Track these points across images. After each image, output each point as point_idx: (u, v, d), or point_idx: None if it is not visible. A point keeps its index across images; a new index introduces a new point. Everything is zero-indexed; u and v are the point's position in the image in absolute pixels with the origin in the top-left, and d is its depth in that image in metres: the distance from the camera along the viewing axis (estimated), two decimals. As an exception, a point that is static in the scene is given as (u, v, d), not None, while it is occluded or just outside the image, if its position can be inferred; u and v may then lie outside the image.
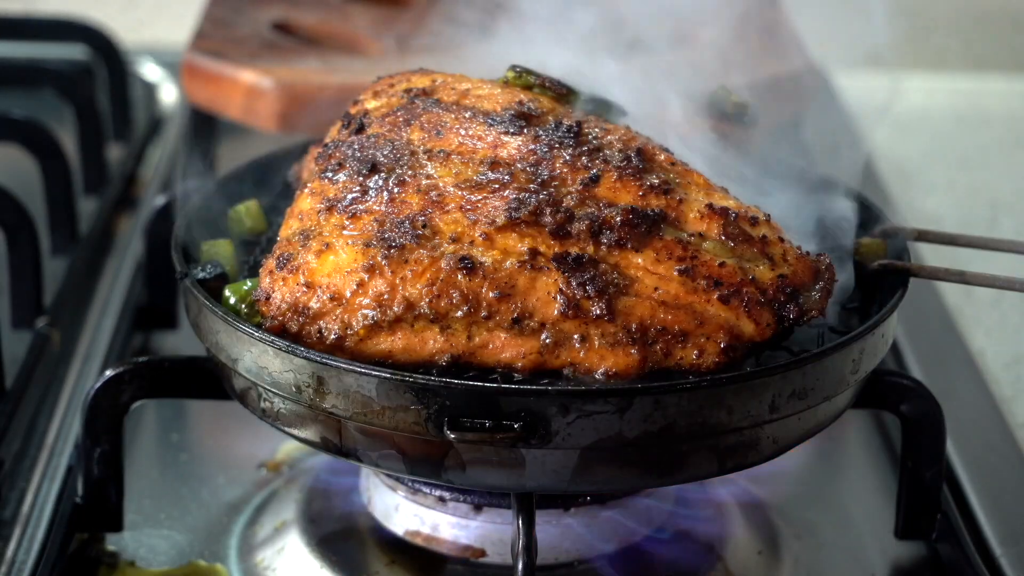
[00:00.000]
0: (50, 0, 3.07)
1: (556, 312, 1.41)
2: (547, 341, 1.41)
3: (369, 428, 1.41)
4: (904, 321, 1.98)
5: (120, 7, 3.22)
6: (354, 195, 1.50)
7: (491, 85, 1.62)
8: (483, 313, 1.42)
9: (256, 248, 1.67)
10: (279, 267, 1.47)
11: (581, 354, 1.41)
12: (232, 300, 1.51)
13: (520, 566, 1.40)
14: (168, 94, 2.78)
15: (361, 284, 1.43)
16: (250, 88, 2.30)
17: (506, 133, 1.53)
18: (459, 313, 1.42)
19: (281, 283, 1.46)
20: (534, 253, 1.43)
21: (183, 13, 2.89)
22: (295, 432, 1.48)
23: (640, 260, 1.44)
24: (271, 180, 1.77)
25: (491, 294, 1.42)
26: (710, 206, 1.48)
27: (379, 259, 1.44)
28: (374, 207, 1.48)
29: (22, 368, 1.82)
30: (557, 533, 1.56)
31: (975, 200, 2.58)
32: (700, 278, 1.43)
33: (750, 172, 1.64)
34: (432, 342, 1.43)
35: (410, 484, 1.59)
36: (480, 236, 1.44)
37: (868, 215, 1.66)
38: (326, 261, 1.45)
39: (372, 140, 1.56)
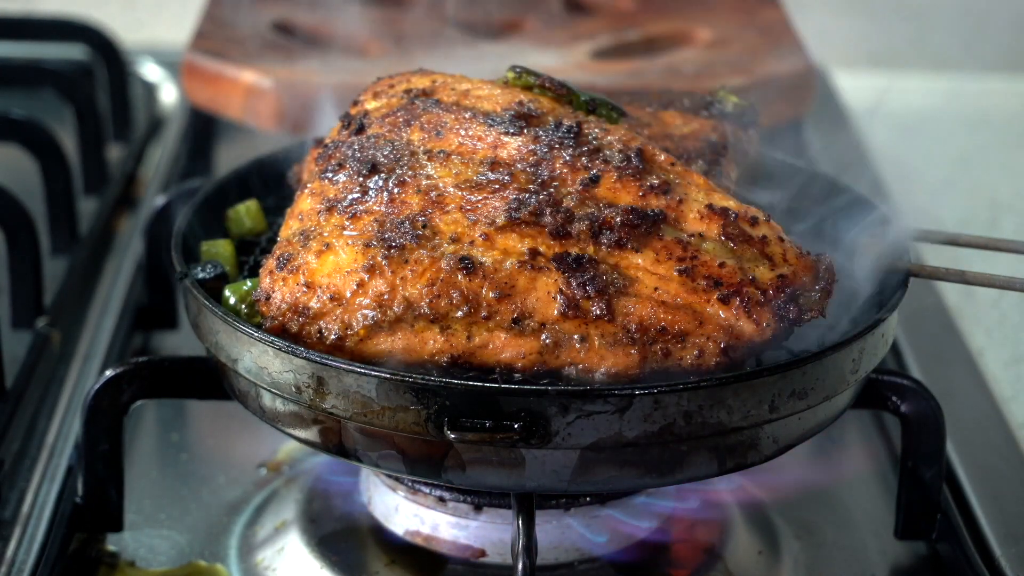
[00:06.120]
0: (50, 0, 3.07)
1: (556, 312, 1.41)
2: (547, 341, 1.41)
3: (369, 428, 1.41)
4: (904, 321, 1.98)
5: (120, 7, 3.22)
6: (354, 195, 1.50)
7: (491, 85, 1.62)
8: (483, 313, 1.42)
9: (256, 248, 1.68)
10: (279, 267, 1.47)
11: (581, 354, 1.41)
12: (232, 300, 1.51)
13: (520, 566, 1.40)
14: (168, 94, 2.78)
15: (361, 284, 1.43)
16: (250, 88, 2.30)
17: (506, 133, 1.53)
18: (459, 313, 1.42)
19: (281, 283, 1.46)
20: (534, 253, 1.43)
21: (183, 13, 2.90)
22: (295, 432, 1.48)
23: (640, 260, 1.44)
24: (271, 180, 1.77)
25: (491, 294, 1.42)
26: (710, 206, 1.48)
27: (379, 259, 1.44)
28: (374, 207, 1.48)
29: (22, 368, 1.82)
30: (557, 533, 1.56)
31: (975, 200, 2.58)
32: (700, 278, 1.43)
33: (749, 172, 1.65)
34: (432, 342, 1.42)
35: (410, 484, 1.59)
36: (480, 236, 1.44)
37: (868, 215, 1.66)
38: (326, 261, 1.45)
39: (372, 140, 1.56)
